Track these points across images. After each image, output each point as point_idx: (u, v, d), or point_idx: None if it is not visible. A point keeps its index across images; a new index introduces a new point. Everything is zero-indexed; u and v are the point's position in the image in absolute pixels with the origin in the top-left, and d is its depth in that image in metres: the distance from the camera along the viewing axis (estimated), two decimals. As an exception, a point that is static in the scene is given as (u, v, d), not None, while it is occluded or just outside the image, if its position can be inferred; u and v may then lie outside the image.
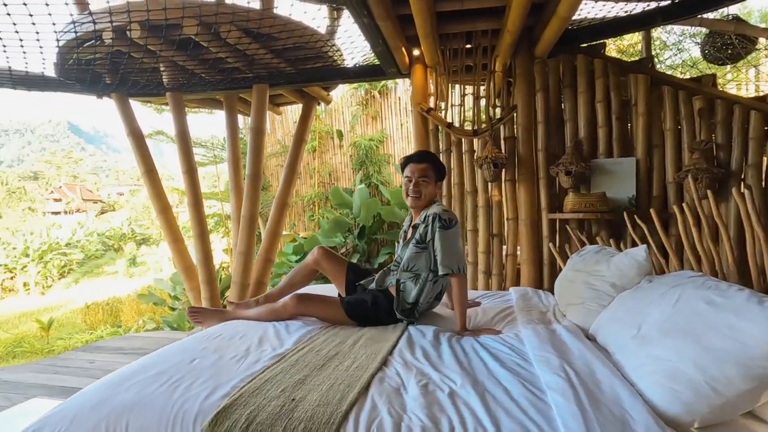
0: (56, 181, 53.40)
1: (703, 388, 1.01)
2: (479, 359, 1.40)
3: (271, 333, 1.71)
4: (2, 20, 2.16)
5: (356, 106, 7.98)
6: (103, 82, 3.39)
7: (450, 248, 1.81)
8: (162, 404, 1.16)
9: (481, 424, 1.01)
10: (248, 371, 1.34)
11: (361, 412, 1.09)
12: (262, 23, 2.85)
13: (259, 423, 1.05)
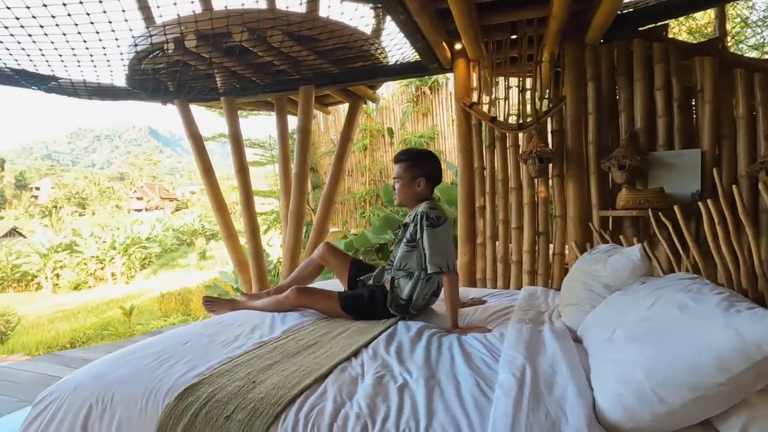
0: (139, 182, 58.92)
1: (648, 395, 0.94)
2: (450, 356, 1.39)
3: (267, 322, 1.79)
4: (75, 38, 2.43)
5: (407, 104, 7.97)
6: (167, 89, 3.69)
7: (438, 246, 1.80)
8: (145, 379, 1.25)
9: (415, 416, 1.03)
10: (228, 354, 1.41)
11: (310, 397, 1.12)
12: (303, 26, 2.95)
13: (216, 400, 1.12)
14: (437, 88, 7.77)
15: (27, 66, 2.74)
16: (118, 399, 1.20)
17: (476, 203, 3.16)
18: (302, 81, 3.63)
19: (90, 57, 2.49)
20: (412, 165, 1.94)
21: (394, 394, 1.13)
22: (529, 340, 1.40)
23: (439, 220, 1.83)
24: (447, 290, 1.77)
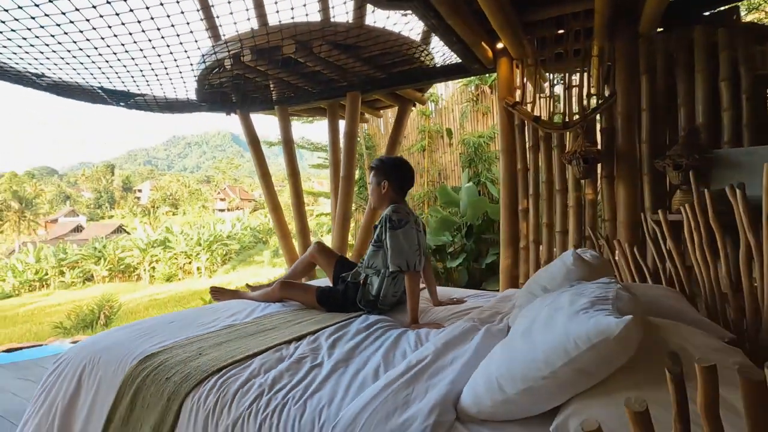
0: (222, 184, 64.16)
1: (493, 384, 0.99)
2: (377, 346, 1.48)
3: (248, 310, 2.00)
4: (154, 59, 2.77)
5: (465, 103, 7.86)
6: (230, 101, 4.04)
7: (397, 247, 1.91)
8: (124, 347, 1.51)
9: (306, 388, 1.17)
10: (196, 332, 1.64)
11: (233, 369, 1.29)
12: (350, 35, 3.07)
13: (165, 365, 1.34)
14: (497, 86, 7.56)
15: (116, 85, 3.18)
16: (102, 361, 1.49)
17: (519, 206, 3.06)
18: (349, 87, 3.77)
19: (167, 74, 2.89)
20: (377, 171, 2.12)
21: (303, 372, 1.28)
22: (457, 335, 1.43)
23: (401, 223, 1.95)
24: (407, 288, 1.87)
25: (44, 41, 2.15)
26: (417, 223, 2.10)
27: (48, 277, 22.33)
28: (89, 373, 1.48)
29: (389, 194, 2.09)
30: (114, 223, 44.10)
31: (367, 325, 1.71)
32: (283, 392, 1.16)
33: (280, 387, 1.19)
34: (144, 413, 1.26)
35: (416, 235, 2.00)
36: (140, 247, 22.44)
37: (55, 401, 1.50)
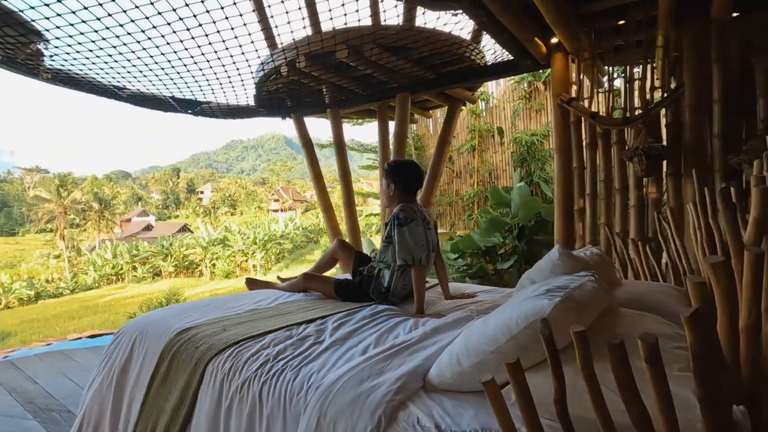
0: (276, 185, 66.82)
1: (453, 357, 1.10)
2: (375, 329, 1.62)
3: (273, 297, 2.24)
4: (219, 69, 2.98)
5: (518, 101, 7.65)
6: (286, 105, 4.23)
7: (404, 242, 2.06)
8: (166, 323, 1.79)
9: (302, 359, 1.35)
10: (224, 314, 1.89)
11: (248, 342, 1.50)
12: (400, 37, 3.11)
13: (196, 337, 1.59)
14: (551, 82, 7.29)
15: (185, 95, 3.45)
16: (149, 333, 1.78)
17: (575, 205, 2.95)
18: (399, 89, 3.81)
19: (229, 83, 3.11)
20: (387, 174, 2.29)
21: (304, 347, 1.46)
22: (449, 323, 1.54)
23: (407, 220, 2.09)
24: (414, 280, 2.02)
25: (126, 57, 2.39)
26: (426, 221, 2.21)
27: (123, 271, 24.44)
28: (139, 342, 1.78)
29: (397, 194, 2.25)
30: (179, 222, 47.43)
31: (373, 313, 1.85)
32: (283, 361, 1.35)
33: (281, 357, 1.37)
34: (177, 374, 1.52)
35: (423, 232, 2.12)
36: (202, 245, 23.95)
37: (113, 365, 1.80)
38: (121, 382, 1.75)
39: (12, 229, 57.68)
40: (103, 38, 2.15)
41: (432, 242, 2.23)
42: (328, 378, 1.19)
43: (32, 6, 1.90)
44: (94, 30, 2.08)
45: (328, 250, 2.64)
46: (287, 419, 1.18)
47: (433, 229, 2.29)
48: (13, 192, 62.06)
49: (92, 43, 2.23)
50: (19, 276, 24.66)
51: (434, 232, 2.31)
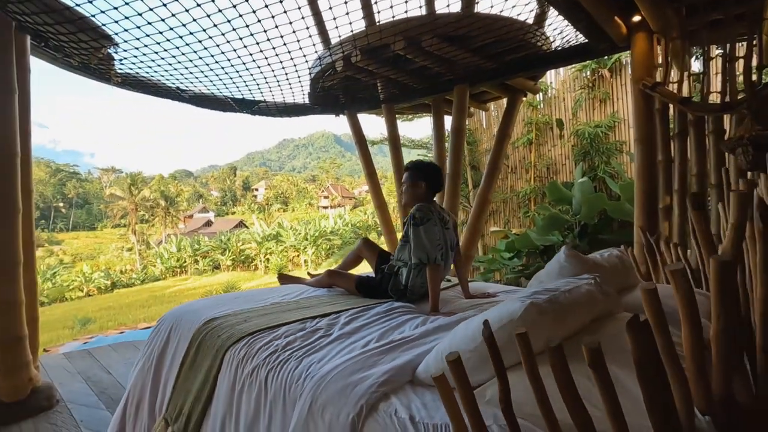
0: (325, 182, 68.36)
1: (440, 354, 1.15)
2: (383, 325, 1.66)
3: (299, 291, 2.38)
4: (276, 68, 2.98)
5: (580, 90, 7.15)
6: (339, 102, 4.19)
7: (419, 242, 2.10)
8: (199, 313, 1.93)
9: (308, 350, 1.44)
10: (249, 306, 2.02)
11: (263, 333, 1.62)
12: (459, 25, 2.94)
13: (220, 326, 1.74)
14: (619, 68, 6.72)
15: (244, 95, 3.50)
16: (183, 322, 1.94)
17: (659, 203, 2.63)
18: (457, 81, 3.63)
19: (287, 80, 3.09)
20: (417, 173, 2.31)
21: (312, 339, 1.54)
22: (453, 322, 1.57)
23: (423, 220, 2.13)
24: (429, 279, 2.05)
25: (189, 58, 2.42)
26: (443, 221, 2.25)
27: (186, 264, 26.06)
28: (175, 330, 1.96)
29: (424, 193, 2.30)
30: (236, 218, 49.87)
31: (387, 309, 1.90)
32: (289, 351, 1.44)
33: (289, 348, 1.47)
34: (203, 360, 1.67)
35: (439, 231, 2.16)
36: (257, 241, 24.97)
37: (153, 349, 1.99)
38: (159, 365, 1.92)
39: (92, 224, 63.72)
40: (168, 39, 2.18)
41: (451, 241, 2.27)
42: (324, 368, 1.26)
43: (102, 10, 1.94)
44: (159, 32, 2.11)
45: (354, 248, 2.73)
46: (286, 404, 1.27)
47: (451, 228, 2.33)
48: (93, 190, 68.56)
49: (157, 45, 2.27)
50: (98, 267, 27.06)
51: (453, 232, 2.35)
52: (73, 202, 66.45)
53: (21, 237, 2.35)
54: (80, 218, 65.24)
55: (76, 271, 23.97)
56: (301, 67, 3.12)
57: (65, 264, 29.74)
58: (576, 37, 3.14)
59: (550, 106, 7.60)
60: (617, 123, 6.65)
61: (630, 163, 6.22)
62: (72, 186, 67.66)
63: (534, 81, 4.15)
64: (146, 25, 2.06)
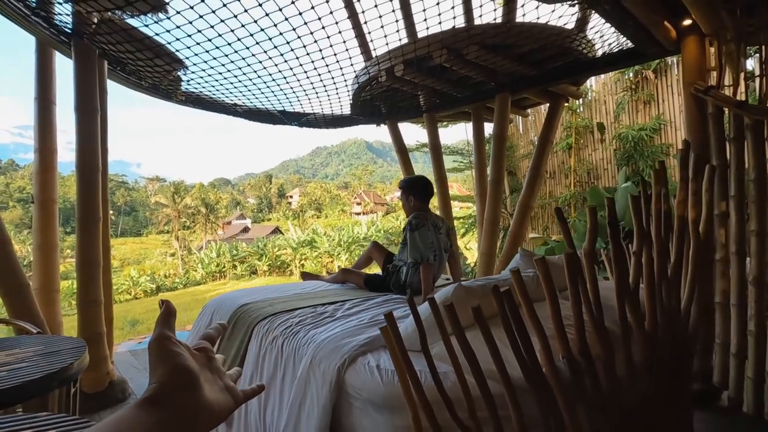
0: (358, 189, 69.01)
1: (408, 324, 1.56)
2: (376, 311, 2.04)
3: (317, 285, 2.85)
4: (316, 81, 3.13)
5: (622, 93, 6.97)
6: (380, 112, 4.31)
7: (414, 244, 2.49)
8: (234, 300, 2.36)
9: (313, 326, 1.83)
10: (274, 295, 2.44)
11: (282, 314, 2.02)
12: (499, 35, 2.99)
13: (250, 309, 2.18)
14: (664, 69, 6.52)
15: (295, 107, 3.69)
16: (223, 306, 2.37)
17: (714, 209, 2.56)
18: (498, 88, 3.67)
19: (336, 92, 3.27)
20: (405, 190, 2.76)
21: (319, 318, 1.93)
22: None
23: (418, 226, 2.54)
24: (421, 275, 2.39)
25: (248, 76, 2.61)
26: (437, 227, 2.66)
27: (225, 269, 26.98)
28: (215, 313, 2.37)
29: (415, 204, 2.72)
30: (272, 225, 51.18)
31: (385, 300, 2.25)
32: (300, 326, 1.83)
33: (300, 324, 1.86)
34: (237, 333, 2.07)
35: (432, 236, 2.56)
36: (292, 246, 25.54)
37: (199, 329, 2.39)
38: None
39: (138, 230, 67.25)
40: (232, 61, 2.36)
41: (444, 244, 2.66)
42: (322, 336, 1.66)
43: (177, 38, 2.14)
44: (224, 54, 2.29)
45: (366, 250, 3.16)
46: (295, 362, 1.64)
47: (444, 234, 2.70)
48: (139, 198, 72.44)
49: (221, 66, 2.46)
50: (144, 271, 28.49)
51: (446, 237, 2.71)
52: (122, 209, 70.42)
53: (101, 242, 2.59)
54: (128, 225, 69.07)
55: (124, 275, 25.37)
56: (347, 79, 3.27)
57: (115, 268, 31.51)
58: (618, 39, 3.11)
59: (590, 110, 7.45)
60: (663, 125, 6.45)
61: (677, 166, 6.00)
62: (121, 194, 71.78)
63: (577, 86, 4.12)
64: (214, 49, 2.25)
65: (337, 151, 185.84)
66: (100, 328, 2.61)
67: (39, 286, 2.64)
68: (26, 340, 1.69)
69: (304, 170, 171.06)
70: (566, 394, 1.06)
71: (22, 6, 2.13)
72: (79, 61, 2.47)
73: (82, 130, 2.50)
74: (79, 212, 2.52)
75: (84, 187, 2.53)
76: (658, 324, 1.36)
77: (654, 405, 1.32)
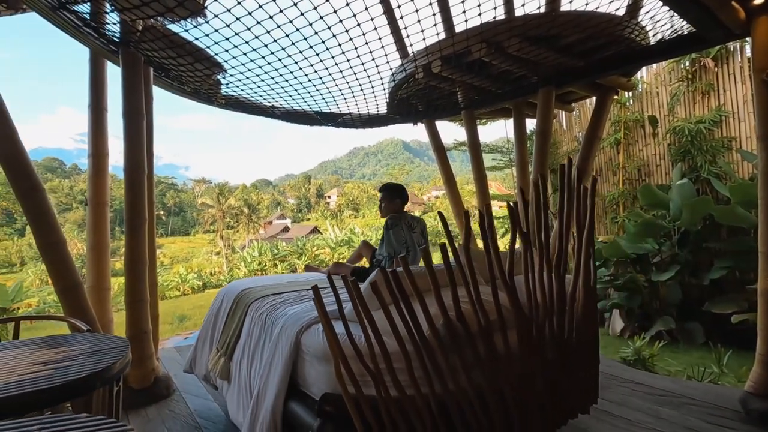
0: (395, 189, 68.96)
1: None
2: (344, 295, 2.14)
3: (311, 276, 3.20)
4: (353, 82, 3.10)
5: (677, 83, 6.49)
6: (417, 111, 4.23)
7: (389, 241, 2.89)
8: (239, 286, 2.70)
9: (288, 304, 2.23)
10: (272, 283, 2.79)
11: (271, 296, 2.40)
12: (543, 25, 2.83)
13: (249, 292, 2.52)
14: (726, 56, 6.00)
15: (331, 108, 3.69)
16: (230, 292, 2.70)
17: (791, 208, 2.30)
18: (542, 83, 3.49)
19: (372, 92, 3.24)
20: (384, 194, 3.16)
21: (297, 299, 2.29)
22: None
23: (392, 226, 2.94)
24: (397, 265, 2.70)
25: (285, 78, 2.61)
26: (411, 227, 3.01)
27: (266, 267, 27.81)
28: (226, 296, 2.71)
29: (391, 207, 3.08)
30: (311, 225, 52.26)
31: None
32: (281, 305, 2.20)
33: (282, 302, 2.23)
34: (237, 312, 2.46)
35: (404, 234, 2.92)
36: (330, 246, 25.95)
37: (213, 308, 2.78)
38: (215, 318, 2.71)
39: (186, 230, 70.84)
40: (268, 62, 2.38)
41: (417, 241, 2.99)
42: (292, 311, 2.04)
43: (216, 41, 2.17)
44: (261, 56, 2.31)
45: (357, 248, 3.43)
46: (272, 330, 2.01)
47: (419, 232, 3.04)
48: (187, 200, 76.32)
49: (258, 68, 2.48)
50: (191, 269, 29.90)
51: (420, 235, 3.05)
52: (171, 210, 74.38)
53: (147, 243, 2.69)
54: (177, 225, 72.87)
55: (174, 273, 26.72)
56: (383, 78, 3.22)
57: (165, 266, 33.29)
58: (675, 24, 2.85)
59: (641, 102, 7.00)
60: (724, 117, 5.93)
61: (743, 162, 5.51)
62: (170, 196, 75.87)
63: (627, 77, 3.86)
64: (250, 51, 2.26)
65: (374, 152, 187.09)
66: (146, 326, 2.71)
67: (92, 284, 2.77)
68: (76, 338, 1.75)
69: (342, 171, 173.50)
70: (446, 353, 1.42)
71: (74, 18, 2.23)
72: (126, 69, 2.57)
73: (129, 135, 2.60)
74: (126, 213, 2.63)
75: (131, 190, 2.63)
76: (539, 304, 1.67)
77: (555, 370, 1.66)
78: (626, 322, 5.85)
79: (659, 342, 4.51)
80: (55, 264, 2.40)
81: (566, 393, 1.73)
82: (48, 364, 1.38)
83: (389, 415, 1.41)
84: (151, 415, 2.58)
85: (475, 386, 1.45)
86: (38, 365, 1.37)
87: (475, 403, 1.45)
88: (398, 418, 1.41)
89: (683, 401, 2.62)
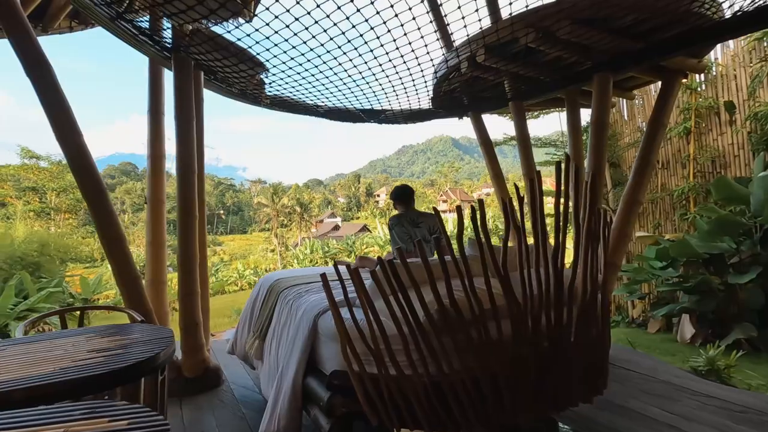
0: (444, 186, 68.36)
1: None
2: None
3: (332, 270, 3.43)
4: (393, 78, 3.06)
5: (759, 63, 5.81)
6: (462, 104, 4.11)
7: (393, 238, 3.22)
8: (274, 277, 2.93)
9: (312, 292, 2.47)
10: (302, 274, 3.02)
11: (301, 284, 2.67)
12: (594, 3, 2.61)
13: (281, 282, 2.77)
14: (819, 30, 5.29)
15: (373, 105, 3.69)
16: (265, 281, 2.96)
17: None
18: (596, 69, 3.24)
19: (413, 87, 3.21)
20: (394, 199, 3.35)
21: (320, 289, 2.40)
22: None
23: (393, 226, 3.21)
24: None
25: (326, 75, 2.63)
26: (414, 223, 3.18)
27: (317, 264, 28.62)
28: (263, 286, 2.94)
29: (397, 209, 3.30)
30: (360, 223, 53.05)
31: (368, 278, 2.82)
32: (306, 293, 2.43)
33: (307, 291, 2.47)
34: (270, 299, 2.71)
35: (406, 231, 3.15)
36: (379, 244, 26.17)
37: (251, 297, 3.02)
38: (253, 305, 2.96)
39: (244, 228, 74.73)
40: (308, 60, 2.40)
41: (422, 235, 3.17)
42: (313, 298, 2.28)
43: (257, 41, 2.22)
44: (301, 53, 2.33)
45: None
46: (297, 314, 2.24)
47: (422, 227, 3.19)
48: (244, 199, 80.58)
49: (299, 66, 2.51)
50: (249, 265, 31.42)
51: (424, 229, 3.19)
52: (230, 209, 78.74)
53: (197, 239, 2.82)
54: (235, 223, 77.03)
55: (232, 269, 28.22)
56: (426, 72, 3.15)
57: (224, 262, 35.22)
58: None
59: (714, 87, 6.35)
60: (818, 100, 5.23)
61: None
62: (229, 196, 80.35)
63: (698, 58, 3.49)
64: (291, 49, 2.29)
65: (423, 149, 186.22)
66: (197, 318, 2.84)
67: (150, 278, 2.96)
68: (130, 328, 1.86)
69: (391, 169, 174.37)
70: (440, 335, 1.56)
71: (131, 26, 2.37)
72: (178, 72, 2.71)
73: (180, 137, 2.74)
74: (179, 211, 2.77)
75: (183, 189, 2.77)
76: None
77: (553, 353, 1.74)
78: (697, 329, 5.33)
79: (737, 351, 4.06)
80: (117, 259, 2.58)
81: (564, 381, 1.81)
82: (101, 351, 1.46)
83: (389, 391, 1.61)
84: (202, 403, 2.70)
85: (468, 368, 1.60)
86: (92, 352, 1.46)
87: (468, 383, 1.60)
88: (397, 394, 1.60)
89: (765, 419, 2.32)
